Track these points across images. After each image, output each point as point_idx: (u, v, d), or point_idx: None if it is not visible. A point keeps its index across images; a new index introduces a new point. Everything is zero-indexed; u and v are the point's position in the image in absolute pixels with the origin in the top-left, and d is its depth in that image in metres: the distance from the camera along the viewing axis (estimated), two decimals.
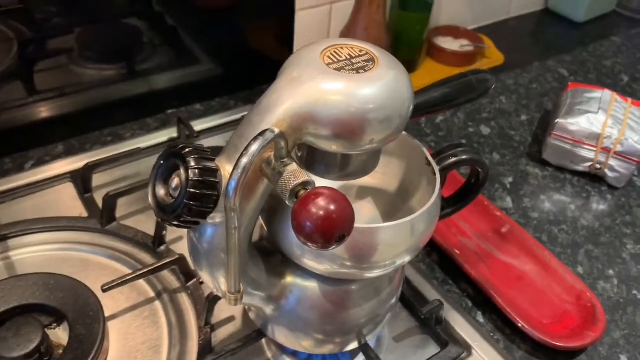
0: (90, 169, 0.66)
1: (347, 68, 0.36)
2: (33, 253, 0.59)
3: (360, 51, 0.38)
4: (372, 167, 0.41)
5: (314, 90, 0.35)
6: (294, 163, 0.35)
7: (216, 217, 0.38)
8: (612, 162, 0.74)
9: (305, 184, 0.34)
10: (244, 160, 0.32)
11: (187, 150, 0.35)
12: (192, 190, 0.34)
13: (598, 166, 0.75)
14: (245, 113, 0.69)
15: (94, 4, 0.72)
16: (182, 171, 0.35)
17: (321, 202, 0.31)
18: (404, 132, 0.47)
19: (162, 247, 0.61)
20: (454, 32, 0.98)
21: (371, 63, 0.37)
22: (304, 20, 0.86)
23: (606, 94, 0.78)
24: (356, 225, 0.39)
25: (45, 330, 0.49)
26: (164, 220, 0.36)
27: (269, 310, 0.46)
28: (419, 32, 0.90)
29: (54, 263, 0.58)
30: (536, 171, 0.78)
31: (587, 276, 0.64)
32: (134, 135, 0.77)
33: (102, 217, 0.62)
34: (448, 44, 0.96)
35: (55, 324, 0.52)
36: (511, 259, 0.63)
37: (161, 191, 0.36)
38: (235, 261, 0.35)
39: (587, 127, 0.74)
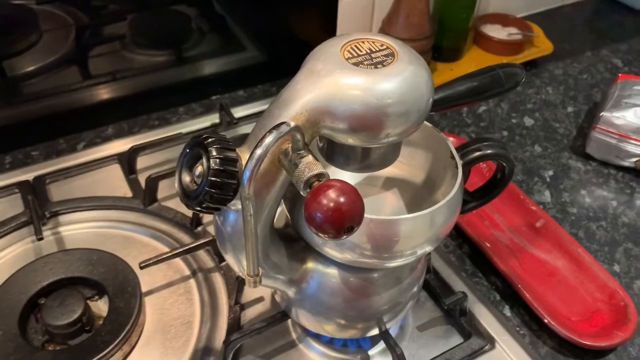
0: (135, 151, 0.70)
1: (365, 63, 0.37)
2: (80, 229, 0.63)
3: (381, 45, 0.38)
4: (392, 159, 0.42)
5: (332, 84, 0.36)
6: (310, 155, 0.36)
7: (238, 204, 0.39)
8: None
9: (319, 176, 0.35)
10: (258, 152, 0.34)
11: (209, 140, 0.36)
12: (213, 178, 0.36)
13: None
14: None
15: None
16: (204, 160, 0.36)
17: (331, 194, 0.33)
18: (429, 125, 0.48)
19: (199, 228, 0.64)
20: (502, 19, 0.96)
21: (390, 58, 0.37)
22: (347, 8, 0.86)
23: None
24: (375, 217, 0.41)
25: (87, 302, 0.53)
26: (188, 205, 0.38)
27: (291, 293, 0.48)
28: (465, 20, 0.89)
29: (98, 239, 0.62)
30: (578, 165, 0.76)
31: (623, 275, 0.63)
32: (180, 120, 0.80)
33: (145, 197, 0.66)
34: (495, 32, 0.94)
35: (96, 297, 0.56)
36: (543, 254, 0.63)
37: (186, 178, 0.38)
38: (253, 246, 0.37)
39: (633, 121, 0.71)
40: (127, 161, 0.70)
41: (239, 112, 0.79)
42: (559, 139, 0.80)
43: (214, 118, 0.79)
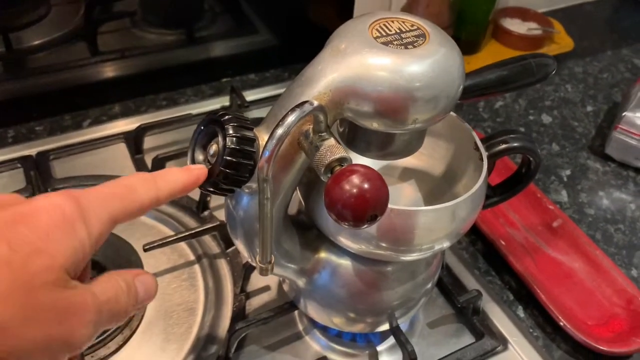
0: (142, 131, 0.68)
1: (395, 42, 0.35)
2: None
3: (412, 26, 0.36)
4: (415, 148, 0.40)
5: (359, 64, 0.34)
6: (332, 138, 0.34)
7: (252, 186, 0.37)
8: None
9: (341, 160, 0.33)
10: (279, 131, 0.32)
11: (226, 117, 0.34)
12: (228, 158, 0.34)
13: None
14: None
15: None
16: (220, 138, 0.34)
17: (355, 179, 0.31)
18: (453, 114, 0.45)
19: (206, 212, 0.62)
20: (523, 14, 0.94)
21: (421, 39, 0.35)
22: None
23: None
24: (395, 206, 0.39)
25: None
26: (200, 186, 0.36)
27: (301, 283, 0.46)
28: (485, 12, 0.86)
29: None
30: (597, 165, 0.74)
31: None
32: (188, 101, 0.78)
33: None
34: (515, 26, 0.92)
35: None
36: (560, 255, 0.61)
37: (200, 157, 0.36)
38: (267, 232, 0.35)
39: None
40: (133, 140, 0.68)
41: (249, 95, 0.77)
42: (577, 137, 0.78)
43: (223, 100, 0.77)
